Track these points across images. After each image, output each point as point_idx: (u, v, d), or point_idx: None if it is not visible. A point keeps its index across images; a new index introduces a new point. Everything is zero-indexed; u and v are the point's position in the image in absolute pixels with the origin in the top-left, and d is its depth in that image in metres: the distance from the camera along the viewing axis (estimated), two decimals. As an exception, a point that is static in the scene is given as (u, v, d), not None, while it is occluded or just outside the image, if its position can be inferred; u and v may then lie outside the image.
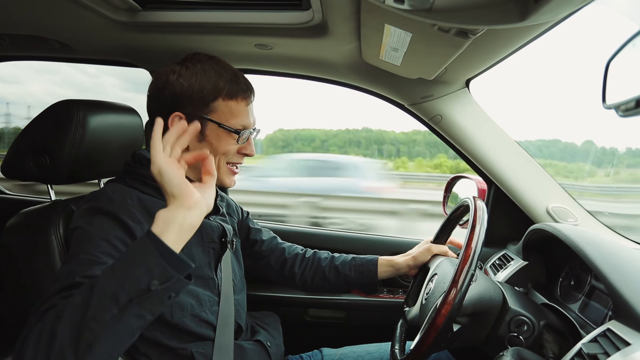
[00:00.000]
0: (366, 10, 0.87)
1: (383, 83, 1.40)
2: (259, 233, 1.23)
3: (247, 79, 0.95)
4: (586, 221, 1.31)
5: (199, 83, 0.88)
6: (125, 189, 0.87)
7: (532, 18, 0.60)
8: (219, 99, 0.89)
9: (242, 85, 0.91)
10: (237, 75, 0.92)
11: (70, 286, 0.68)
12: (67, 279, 0.69)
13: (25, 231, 0.93)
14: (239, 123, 0.91)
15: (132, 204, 0.84)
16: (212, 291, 0.95)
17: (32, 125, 0.97)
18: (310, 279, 1.20)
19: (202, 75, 0.88)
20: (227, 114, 0.90)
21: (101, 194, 0.85)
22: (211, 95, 0.88)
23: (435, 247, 1.13)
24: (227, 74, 0.90)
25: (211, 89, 0.88)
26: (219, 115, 0.90)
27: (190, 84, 0.88)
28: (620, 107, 0.54)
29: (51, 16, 1.11)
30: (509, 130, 1.35)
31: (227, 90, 0.89)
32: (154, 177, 0.70)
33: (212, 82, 0.88)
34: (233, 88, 0.90)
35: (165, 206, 0.79)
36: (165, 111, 0.88)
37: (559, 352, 0.83)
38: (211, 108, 0.89)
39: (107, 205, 0.81)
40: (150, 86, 0.93)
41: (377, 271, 1.16)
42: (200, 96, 0.88)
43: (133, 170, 0.93)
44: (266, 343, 1.04)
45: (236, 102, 0.91)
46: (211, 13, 1.10)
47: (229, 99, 0.90)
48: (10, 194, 1.94)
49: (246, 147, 0.95)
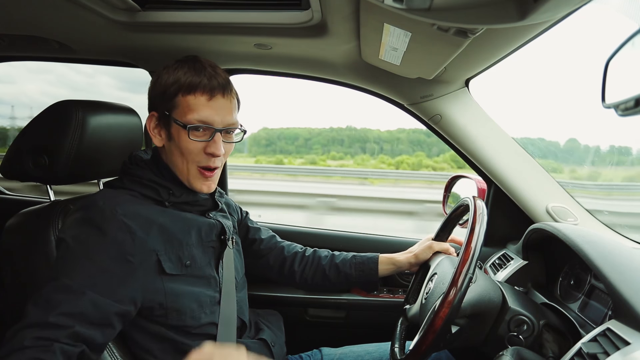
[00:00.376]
0: (365, 10, 0.87)
1: (382, 83, 1.40)
2: (258, 232, 1.23)
3: (219, 75, 0.89)
4: (586, 220, 1.31)
5: (165, 80, 0.88)
6: (120, 197, 0.86)
7: (531, 17, 0.60)
8: (178, 94, 0.87)
9: (203, 78, 0.87)
10: (203, 69, 0.88)
11: (45, 324, 0.69)
12: (43, 313, 0.70)
13: (25, 231, 0.93)
14: (196, 118, 0.86)
15: (124, 212, 0.82)
16: (214, 290, 0.95)
17: (31, 125, 0.97)
18: (310, 277, 1.20)
19: (173, 73, 0.88)
20: (185, 109, 0.87)
21: (91, 203, 0.83)
22: (173, 91, 0.87)
23: (437, 244, 1.13)
24: (193, 70, 0.87)
25: (172, 83, 0.87)
26: (178, 112, 0.88)
27: (160, 82, 0.89)
28: (619, 106, 0.54)
29: (50, 16, 1.11)
30: (506, 129, 1.35)
31: (186, 85, 0.87)
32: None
33: (175, 77, 0.87)
34: (192, 81, 0.86)
35: (159, 211, 0.84)
36: (149, 110, 0.93)
37: (559, 351, 0.83)
38: (172, 104, 0.88)
39: (95, 216, 0.80)
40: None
41: (377, 269, 1.16)
42: (163, 92, 0.88)
43: (130, 172, 0.92)
44: (270, 342, 1.05)
45: (194, 96, 0.87)
46: (210, 13, 1.10)
47: (187, 94, 0.87)
48: (10, 194, 1.94)
49: (210, 146, 0.88)
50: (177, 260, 0.88)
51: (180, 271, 0.88)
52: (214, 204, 1.02)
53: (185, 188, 0.94)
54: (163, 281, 0.85)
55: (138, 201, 0.87)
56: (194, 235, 0.92)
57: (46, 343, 0.68)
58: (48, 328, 0.69)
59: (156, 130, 0.92)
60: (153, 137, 0.92)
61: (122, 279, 0.79)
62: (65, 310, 0.71)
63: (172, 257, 0.87)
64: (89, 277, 0.75)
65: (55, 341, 0.69)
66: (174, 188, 0.92)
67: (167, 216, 0.89)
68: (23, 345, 0.67)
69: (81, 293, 0.73)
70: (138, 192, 0.90)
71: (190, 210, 0.95)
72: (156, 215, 0.87)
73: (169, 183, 0.92)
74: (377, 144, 14.62)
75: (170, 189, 0.92)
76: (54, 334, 0.69)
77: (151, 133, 0.92)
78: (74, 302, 0.72)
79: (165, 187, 0.92)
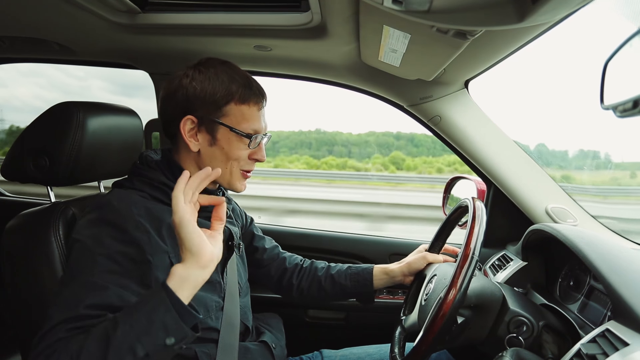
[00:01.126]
0: (365, 12, 0.87)
1: (382, 84, 1.40)
2: (262, 241, 1.23)
3: (259, 84, 0.94)
4: (585, 222, 1.31)
5: (212, 87, 0.88)
6: (132, 197, 0.85)
7: (530, 19, 0.61)
8: (231, 103, 0.89)
9: (255, 90, 0.92)
10: (249, 80, 0.92)
11: (76, 318, 0.69)
12: (71, 308, 0.70)
13: (25, 233, 0.93)
14: (251, 127, 0.91)
15: (139, 212, 0.82)
16: (219, 295, 0.94)
17: (31, 127, 0.97)
18: (306, 288, 1.20)
19: (215, 79, 0.89)
20: (239, 118, 0.90)
21: (106, 203, 0.83)
22: (223, 99, 0.89)
23: (431, 255, 1.12)
24: (240, 79, 0.91)
25: (224, 92, 0.88)
26: (231, 119, 0.90)
27: (203, 88, 0.88)
28: (618, 108, 0.54)
29: (51, 18, 1.12)
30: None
31: (239, 95, 0.89)
32: (174, 226, 0.70)
33: (225, 86, 0.89)
34: (246, 92, 0.90)
35: (168, 212, 0.82)
36: (178, 114, 0.89)
37: (558, 352, 0.83)
38: (223, 112, 0.89)
39: (112, 216, 0.80)
40: (163, 89, 0.94)
41: (372, 279, 1.16)
42: (212, 100, 0.88)
43: (140, 173, 0.92)
44: (271, 345, 1.04)
45: (248, 106, 0.91)
46: (210, 15, 1.10)
47: (241, 104, 0.90)
48: (10, 195, 1.94)
49: (257, 153, 0.95)
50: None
51: None
52: None
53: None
54: None
55: (148, 202, 0.87)
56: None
57: (83, 330, 0.68)
58: (81, 319, 0.68)
59: (192, 134, 0.90)
60: (189, 142, 0.90)
61: (142, 277, 0.79)
62: (93, 302, 0.71)
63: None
64: (110, 273, 0.75)
65: (91, 326, 0.68)
66: None
67: None
68: (58, 337, 0.66)
69: (106, 287, 0.73)
70: (147, 194, 0.89)
71: (198, 216, 0.95)
72: (166, 215, 0.86)
73: None
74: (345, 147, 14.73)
75: None
76: (89, 322, 0.69)
77: (185, 137, 0.90)
78: (100, 295, 0.72)
79: None
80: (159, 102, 0.95)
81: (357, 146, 14.33)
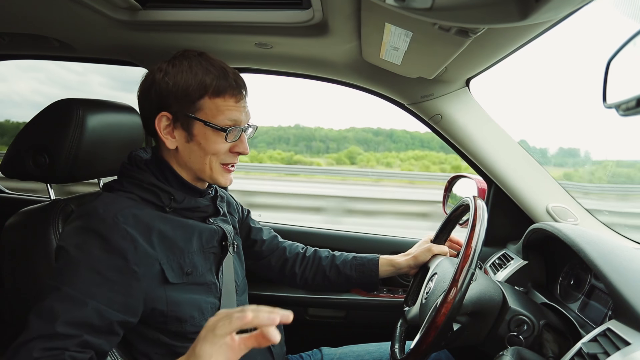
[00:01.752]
0: (367, 9, 0.87)
1: (383, 82, 1.40)
2: (260, 232, 1.22)
3: (237, 74, 0.91)
4: (586, 220, 1.31)
5: (184, 81, 0.86)
6: (119, 203, 0.83)
7: (532, 17, 0.60)
8: (205, 96, 0.86)
9: (231, 81, 0.88)
10: (225, 71, 0.89)
11: (51, 336, 0.68)
12: (48, 322, 0.69)
13: (25, 230, 0.93)
14: (227, 120, 0.88)
15: (126, 220, 0.80)
16: (214, 296, 0.93)
17: (31, 124, 0.97)
18: (311, 278, 1.19)
19: (189, 72, 0.86)
20: (213, 111, 0.87)
21: (92, 210, 0.81)
22: (197, 93, 0.86)
23: (436, 247, 1.13)
24: (214, 71, 0.87)
25: (197, 86, 0.86)
26: (206, 113, 0.87)
27: (175, 82, 0.86)
28: (620, 106, 0.54)
29: (51, 15, 1.11)
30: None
31: (213, 87, 0.86)
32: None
33: (198, 79, 0.86)
34: (220, 85, 0.86)
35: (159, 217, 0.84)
36: (154, 110, 0.87)
37: (559, 351, 0.83)
38: (197, 106, 0.87)
39: (97, 225, 0.78)
40: (139, 85, 0.91)
41: (378, 270, 1.16)
42: (185, 94, 0.86)
43: (130, 174, 0.89)
44: None
45: (223, 99, 0.87)
46: (211, 12, 1.10)
47: (215, 97, 0.87)
48: (10, 193, 1.94)
49: (238, 145, 0.91)
50: (179, 268, 0.86)
51: (182, 279, 0.86)
52: (215, 210, 1.01)
53: (187, 193, 0.92)
54: (165, 290, 0.83)
55: (137, 206, 0.85)
56: (195, 243, 0.91)
57: (57, 352, 0.67)
58: (56, 338, 0.68)
59: (169, 131, 0.89)
60: (165, 140, 0.88)
61: (126, 289, 0.77)
62: (70, 319, 0.70)
63: (173, 265, 0.85)
64: (92, 286, 0.74)
65: (66, 350, 0.68)
66: (175, 193, 0.90)
67: (167, 223, 0.87)
68: (32, 357, 0.66)
69: (85, 302, 0.72)
70: (137, 196, 0.87)
71: (191, 217, 0.93)
72: (156, 221, 0.85)
73: (170, 188, 0.90)
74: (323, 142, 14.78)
75: (171, 194, 0.89)
76: (64, 343, 0.68)
77: (161, 135, 0.88)
78: (78, 311, 0.71)
79: (167, 192, 0.89)
80: (137, 99, 0.93)
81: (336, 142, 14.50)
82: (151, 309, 0.82)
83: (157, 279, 0.82)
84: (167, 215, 0.89)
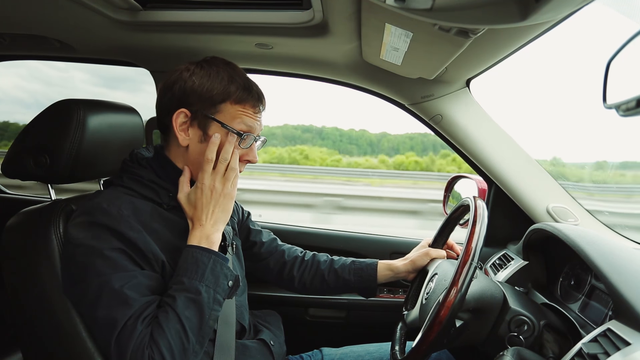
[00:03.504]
0: (367, 10, 0.87)
1: (383, 83, 1.40)
2: (259, 234, 1.23)
3: (259, 88, 0.94)
4: (586, 221, 1.31)
5: (211, 83, 0.88)
6: (119, 198, 0.85)
7: (532, 17, 0.60)
8: (227, 101, 0.89)
9: (254, 93, 0.91)
10: (249, 83, 0.92)
11: (138, 310, 0.75)
12: (124, 302, 0.75)
13: (26, 231, 0.93)
14: (243, 125, 0.90)
15: (129, 214, 0.82)
16: None
17: (32, 124, 0.97)
18: (309, 281, 1.19)
19: (215, 77, 0.89)
20: (232, 116, 0.90)
21: (96, 206, 0.82)
22: (220, 97, 0.89)
23: (434, 251, 1.13)
24: (240, 80, 0.91)
25: (221, 90, 0.88)
26: (224, 117, 0.89)
27: (201, 83, 0.88)
28: (620, 107, 0.54)
29: (51, 15, 1.11)
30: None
31: (237, 95, 0.89)
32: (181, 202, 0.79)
33: (223, 85, 0.89)
34: (243, 94, 0.90)
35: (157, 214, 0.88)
36: (174, 106, 0.89)
37: (559, 351, 0.83)
38: (218, 109, 0.89)
39: (104, 219, 0.80)
40: (163, 81, 0.94)
41: (376, 275, 1.16)
42: (209, 95, 0.88)
43: (130, 170, 0.92)
44: (269, 342, 1.04)
45: (243, 107, 0.90)
46: (212, 12, 1.10)
47: (237, 104, 0.90)
48: (11, 193, 1.94)
49: (248, 154, 0.94)
50: (176, 265, 0.87)
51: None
52: None
53: None
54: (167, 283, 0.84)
55: (137, 202, 0.87)
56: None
57: (149, 318, 0.76)
58: (142, 309, 0.75)
59: (183, 128, 0.90)
60: (179, 135, 0.90)
61: (145, 273, 0.81)
62: (137, 291, 0.77)
63: (171, 262, 0.86)
64: (120, 261, 0.78)
65: (152, 311, 0.76)
66: (173, 191, 0.91)
67: (163, 221, 0.88)
68: (139, 330, 0.73)
69: (132, 275, 0.78)
70: (137, 192, 0.89)
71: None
72: (152, 219, 0.87)
73: (170, 185, 0.91)
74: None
75: (170, 191, 0.91)
76: (149, 310, 0.76)
77: (176, 130, 0.90)
78: (132, 282, 0.77)
79: (165, 189, 0.91)
80: (158, 93, 0.95)
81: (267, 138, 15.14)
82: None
83: (161, 271, 0.85)
84: (165, 212, 0.90)
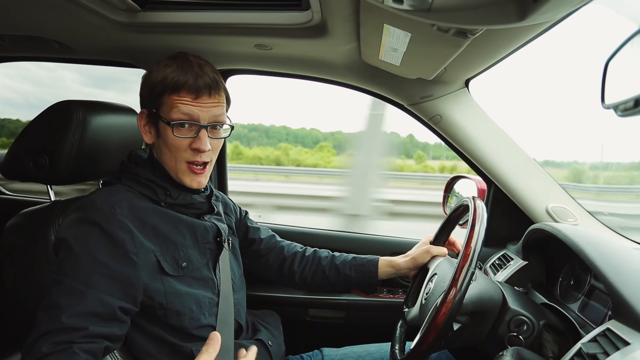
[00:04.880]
0: (365, 11, 0.87)
1: (382, 83, 1.40)
2: (257, 232, 1.23)
3: (205, 73, 0.89)
4: (586, 221, 1.31)
5: (153, 78, 0.89)
6: (116, 196, 0.86)
7: (531, 18, 0.60)
8: (165, 94, 0.88)
9: (189, 78, 0.87)
10: (190, 69, 0.88)
11: (59, 330, 0.70)
12: (54, 317, 0.71)
13: (25, 231, 0.93)
14: (180, 116, 0.87)
15: (122, 212, 0.83)
16: (212, 292, 0.95)
17: (31, 125, 0.97)
18: (310, 277, 1.19)
19: (160, 71, 0.89)
20: (170, 106, 0.88)
21: (89, 203, 0.83)
22: (158, 90, 0.88)
23: (435, 248, 1.13)
24: (179, 70, 0.88)
25: (159, 82, 0.88)
26: (165, 109, 0.89)
27: (150, 80, 0.90)
28: (619, 107, 0.54)
29: (50, 17, 1.11)
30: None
31: (171, 85, 0.87)
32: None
33: (161, 77, 0.88)
34: (178, 81, 0.87)
35: (154, 211, 0.87)
36: (141, 107, 0.94)
37: (559, 351, 0.83)
38: (159, 102, 0.89)
39: (95, 216, 0.80)
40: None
41: (377, 271, 1.16)
42: (152, 91, 0.89)
43: (128, 170, 0.93)
44: (267, 342, 1.05)
45: (179, 95, 0.87)
46: (210, 13, 1.10)
47: (172, 93, 0.88)
48: (10, 194, 1.94)
49: (195, 142, 0.89)
50: (173, 261, 0.88)
51: (177, 272, 0.88)
52: (209, 207, 1.02)
53: (182, 190, 0.94)
54: (163, 281, 0.85)
55: (134, 199, 0.88)
56: (188, 237, 0.93)
57: (65, 346, 0.69)
58: (63, 332, 0.70)
59: (146, 127, 0.93)
60: (143, 135, 0.93)
61: (126, 277, 0.79)
62: (74, 311, 0.72)
63: (168, 258, 0.87)
64: (92, 275, 0.75)
65: (73, 342, 0.69)
66: (171, 189, 0.93)
67: (161, 217, 0.89)
68: (42, 353, 0.67)
69: (87, 293, 0.74)
70: (135, 190, 0.90)
71: (185, 213, 0.95)
72: (151, 215, 0.87)
73: (165, 183, 0.92)
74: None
75: (167, 189, 0.92)
76: (70, 336, 0.70)
77: (142, 130, 0.93)
78: (82, 302, 0.73)
79: (163, 188, 0.92)
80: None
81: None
82: (151, 300, 0.84)
83: (154, 270, 0.85)
84: (162, 209, 0.91)
